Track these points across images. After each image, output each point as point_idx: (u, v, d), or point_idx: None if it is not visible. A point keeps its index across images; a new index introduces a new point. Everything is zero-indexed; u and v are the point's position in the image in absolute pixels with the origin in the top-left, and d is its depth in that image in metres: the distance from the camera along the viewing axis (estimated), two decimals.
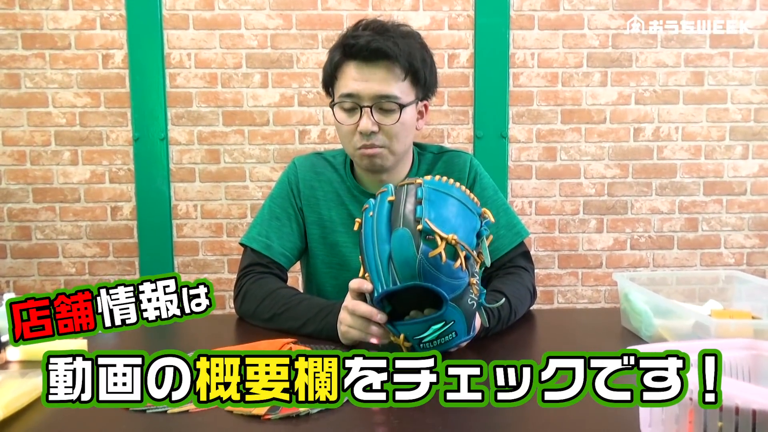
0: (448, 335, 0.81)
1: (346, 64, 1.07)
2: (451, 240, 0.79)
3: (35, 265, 2.32)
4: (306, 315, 1.00)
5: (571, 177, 2.36)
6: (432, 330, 0.80)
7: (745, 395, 0.51)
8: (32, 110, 2.26)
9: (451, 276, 0.79)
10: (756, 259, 2.41)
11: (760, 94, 2.34)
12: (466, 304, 0.82)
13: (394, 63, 1.05)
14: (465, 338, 0.84)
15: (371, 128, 1.06)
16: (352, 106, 1.07)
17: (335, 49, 1.09)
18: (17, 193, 2.29)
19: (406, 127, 1.10)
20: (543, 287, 2.39)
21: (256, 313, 1.07)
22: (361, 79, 1.05)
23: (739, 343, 0.67)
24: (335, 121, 1.11)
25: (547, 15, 2.29)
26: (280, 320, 1.03)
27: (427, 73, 1.11)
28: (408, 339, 0.83)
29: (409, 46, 1.07)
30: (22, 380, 0.75)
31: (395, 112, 1.07)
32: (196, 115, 2.29)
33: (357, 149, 1.10)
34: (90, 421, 0.68)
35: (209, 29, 2.25)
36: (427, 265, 0.78)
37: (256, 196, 2.32)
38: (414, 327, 0.81)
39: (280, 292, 1.07)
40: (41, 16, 2.22)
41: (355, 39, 1.05)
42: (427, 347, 0.82)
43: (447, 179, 0.87)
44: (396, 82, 1.06)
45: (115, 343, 0.99)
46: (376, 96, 1.05)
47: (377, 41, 1.03)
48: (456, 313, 0.81)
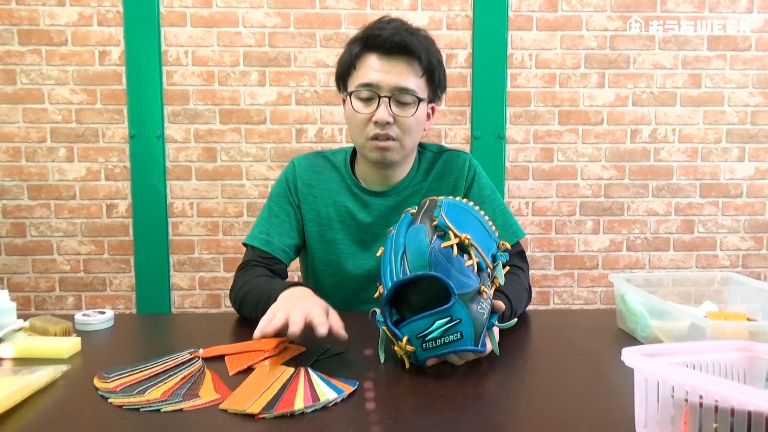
0: (453, 334, 0.78)
1: (367, 55, 1.09)
2: (464, 239, 0.81)
3: (30, 262, 2.31)
4: (260, 297, 1.01)
5: (568, 178, 2.36)
6: (437, 326, 0.78)
7: (740, 396, 0.51)
8: (28, 106, 2.25)
9: (462, 272, 0.79)
10: (751, 261, 2.42)
11: (757, 97, 2.34)
12: (476, 310, 0.79)
13: (414, 58, 1.07)
14: (471, 347, 0.79)
15: (387, 118, 1.07)
16: (370, 95, 1.08)
17: (355, 41, 1.11)
18: (12, 189, 2.28)
19: (419, 123, 1.12)
20: (539, 288, 2.39)
21: (242, 303, 1.08)
22: (382, 70, 1.07)
23: (735, 344, 0.67)
24: (349, 110, 1.11)
25: (546, 16, 2.29)
26: (249, 307, 1.04)
27: (441, 75, 1.13)
28: (411, 341, 0.80)
29: (429, 45, 1.10)
30: (15, 378, 0.74)
31: (412, 105, 1.09)
32: (193, 112, 2.28)
33: (369, 139, 1.10)
34: (83, 418, 0.68)
35: (206, 27, 2.25)
36: (438, 255, 0.79)
37: (252, 195, 2.31)
38: (418, 323, 0.79)
39: (257, 280, 1.08)
40: (38, 11, 2.21)
41: (380, 31, 1.07)
42: (431, 347, 0.79)
43: (468, 201, 0.91)
44: (415, 77, 1.08)
45: (109, 340, 0.98)
46: (395, 87, 1.07)
47: (401, 35, 1.06)
48: (463, 312, 0.78)
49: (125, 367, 0.81)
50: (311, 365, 0.83)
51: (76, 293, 2.34)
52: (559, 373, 0.84)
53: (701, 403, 0.54)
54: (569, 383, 0.79)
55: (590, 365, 0.87)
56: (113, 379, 0.77)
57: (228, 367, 0.83)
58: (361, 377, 0.79)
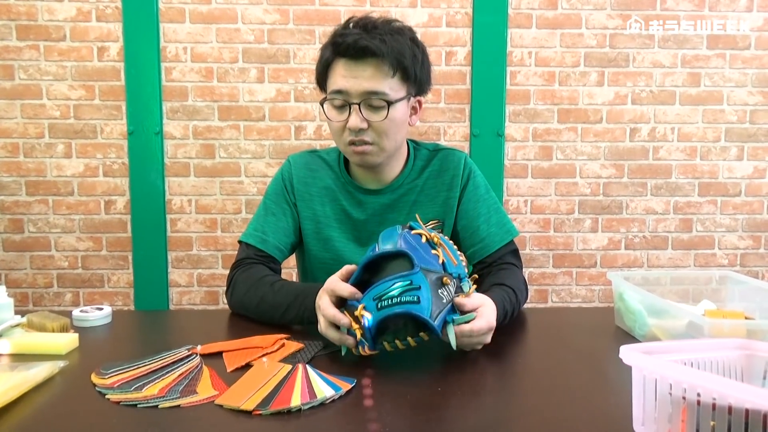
0: (410, 296, 0.77)
1: (336, 62, 1.08)
2: (433, 237, 0.85)
3: (27, 259, 2.31)
4: (286, 301, 1.01)
5: (567, 176, 2.36)
6: (396, 286, 0.78)
7: (737, 394, 0.51)
8: (26, 102, 2.24)
9: (427, 255, 0.83)
10: (749, 260, 2.43)
11: (756, 96, 2.34)
12: (436, 289, 0.79)
13: (381, 60, 1.05)
14: (427, 318, 0.76)
15: (359, 125, 1.07)
16: (342, 103, 1.08)
17: (326, 46, 1.10)
18: (10, 185, 2.27)
19: (396, 124, 1.10)
20: (537, 286, 2.39)
21: (243, 302, 1.08)
22: (350, 76, 1.06)
23: (732, 342, 0.67)
24: (326, 117, 1.12)
25: (545, 14, 2.29)
26: (263, 308, 1.04)
27: (418, 69, 1.11)
28: (367, 307, 0.78)
29: (398, 42, 1.07)
30: (12, 373, 0.74)
31: (383, 108, 1.08)
32: (192, 109, 2.27)
33: (347, 146, 1.11)
34: (80, 415, 0.68)
35: (206, 23, 2.24)
36: (407, 237, 0.85)
37: (251, 192, 2.31)
38: (379, 287, 0.79)
39: (264, 280, 1.08)
40: (36, 7, 2.20)
41: (343, 37, 1.05)
42: (386, 305, 0.77)
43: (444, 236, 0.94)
44: (385, 79, 1.06)
45: (106, 336, 0.98)
46: (364, 93, 1.06)
47: (364, 39, 1.04)
48: (424, 282, 0.78)
49: (123, 363, 0.81)
50: (309, 362, 0.83)
51: (74, 289, 2.33)
52: (557, 370, 0.84)
53: (699, 401, 0.54)
54: (567, 381, 0.79)
55: (588, 363, 0.87)
56: (111, 376, 0.77)
57: (226, 364, 0.83)
58: (358, 374, 0.79)
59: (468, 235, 1.18)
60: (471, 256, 1.17)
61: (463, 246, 1.19)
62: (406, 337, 0.79)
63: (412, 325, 0.79)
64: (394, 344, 0.80)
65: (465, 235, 1.18)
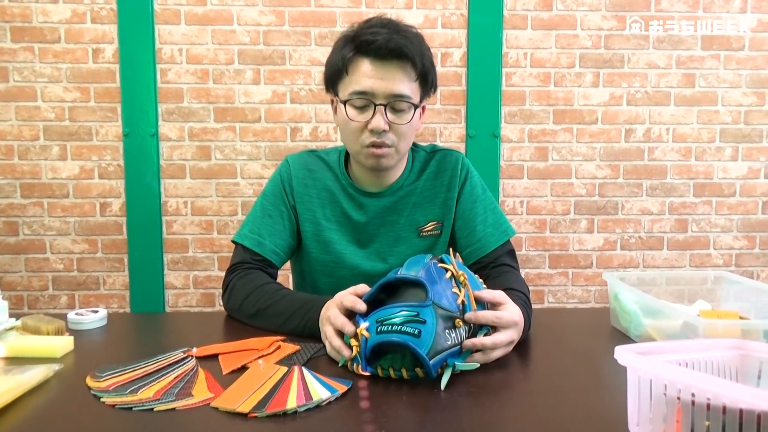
0: (412, 327, 0.75)
1: (360, 61, 1.05)
2: (461, 275, 0.84)
3: (22, 261, 2.30)
4: (289, 310, 1.00)
5: (563, 177, 2.36)
6: (402, 315, 0.77)
7: (732, 394, 0.51)
8: (20, 104, 2.23)
9: (446, 291, 0.81)
10: (744, 260, 2.44)
11: (750, 97, 2.35)
12: (442, 328, 0.77)
13: (408, 63, 1.05)
14: (420, 352, 0.74)
15: (384, 126, 1.05)
16: (365, 103, 1.06)
17: (345, 44, 1.07)
18: (4, 187, 2.26)
19: (414, 127, 1.11)
20: (533, 287, 2.39)
21: (241, 308, 1.07)
22: (376, 76, 1.04)
23: (727, 343, 0.67)
24: (343, 117, 1.08)
25: (541, 15, 2.29)
26: (264, 316, 1.03)
27: (434, 75, 1.12)
28: (369, 328, 0.77)
29: (422, 46, 1.07)
30: (6, 377, 0.74)
31: (407, 112, 1.07)
32: (187, 111, 2.27)
33: (365, 147, 1.09)
34: (75, 418, 0.67)
35: (201, 25, 2.24)
36: (431, 268, 0.83)
37: (247, 193, 2.31)
38: (385, 311, 0.78)
39: (265, 287, 1.06)
40: (30, 8, 2.20)
41: (374, 35, 1.03)
42: (385, 330, 0.76)
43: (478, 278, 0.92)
44: (409, 82, 1.06)
45: (102, 339, 0.98)
46: (390, 95, 1.05)
47: (395, 40, 1.03)
48: (432, 317, 0.76)
49: (118, 366, 0.81)
50: (305, 364, 0.83)
51: (69, 292, 2.32)
52: (553, 371, 0.84)
53: (693, 401, 0.54)
54: (563, 381, 0.80)
55: (584, 363, 0.87)
56: (106, 378, 0.77)
57: (222, 366, 0.83)
58: (355, 376, 0.79)
59: (464, 235, 1.18)
60: (467, 256, 1.17)
61: (459, 246, 1.19)
62: (402, 368, 0.78)
63: (411, 358, 0.77)
64: (387, 372, 0.78)
65: (461, 235, 1.18)
